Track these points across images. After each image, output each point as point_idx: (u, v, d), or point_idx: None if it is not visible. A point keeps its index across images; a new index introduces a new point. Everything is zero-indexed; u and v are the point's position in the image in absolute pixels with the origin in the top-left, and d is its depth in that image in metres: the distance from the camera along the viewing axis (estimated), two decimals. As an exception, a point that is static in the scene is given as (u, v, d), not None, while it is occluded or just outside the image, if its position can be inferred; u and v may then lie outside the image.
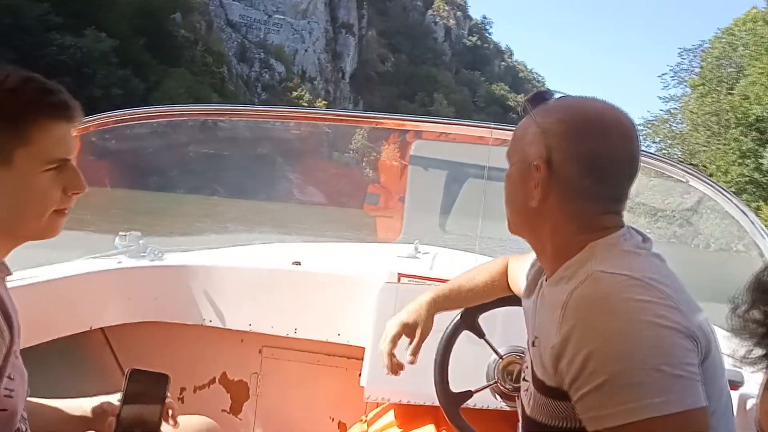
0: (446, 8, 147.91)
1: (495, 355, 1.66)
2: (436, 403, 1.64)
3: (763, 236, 1.98)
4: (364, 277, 2.24)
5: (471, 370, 1.63)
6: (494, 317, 1.62)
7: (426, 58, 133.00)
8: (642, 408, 0.88)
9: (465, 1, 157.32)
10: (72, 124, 1.09)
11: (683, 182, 2.18)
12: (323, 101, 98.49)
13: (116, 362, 2.36)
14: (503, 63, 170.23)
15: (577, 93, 1.41)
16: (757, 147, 34.54)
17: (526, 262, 1.37)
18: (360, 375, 2.01)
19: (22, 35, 44.34)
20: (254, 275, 2.36)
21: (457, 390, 1.61)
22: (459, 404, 1.60)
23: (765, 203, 32.30)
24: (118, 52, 51.98)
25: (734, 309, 0.63)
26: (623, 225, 1.09)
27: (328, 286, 2.31)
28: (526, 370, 1.20)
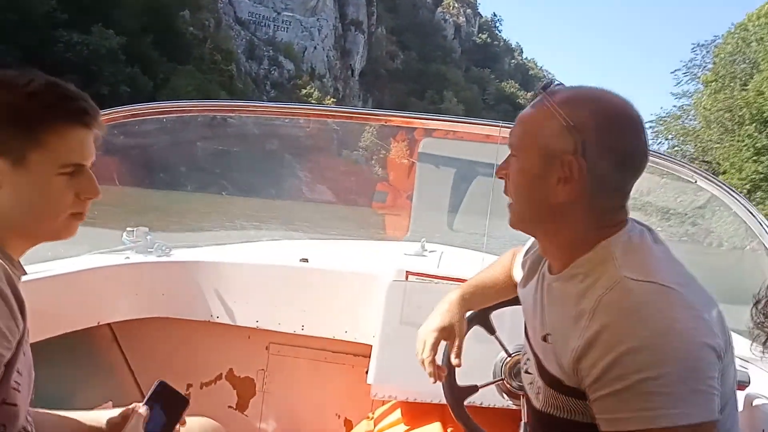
0: (456, 5, 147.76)
1: (503, 353, 1.65)
2: (443, 401, 1.63)
3: None
4: (372, 275, 2.23)
5: (478, 367, 1.61)
6: (503, 315, 1.61)
7: (435, 56, 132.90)
8: (657, 417, 0.89)
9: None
10: (91, 131, 1.11)
11: (691, 182, 2.18)
12: (332, 99, 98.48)
13: (123, 357, 2.37)
14: (513, 60, 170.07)
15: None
16: (772, 144, 34.23)
17: (525, 250, 1.37)
18: (367, 372, 2.00)
19: (29, 32, 44.47)
20: (262, 272, 2.36)
21: (463, 384, 1.61)
22: (464, 398, 1.60)
23: (780, 201, 31.99)
24: (126, 50, 52.12)
25: (756, 303, 0.64)
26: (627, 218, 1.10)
27: (336, 284, 2.31)
28: (529, 362, 1.21)
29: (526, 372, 1.24)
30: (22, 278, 1.11)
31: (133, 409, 1.27)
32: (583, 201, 1.05)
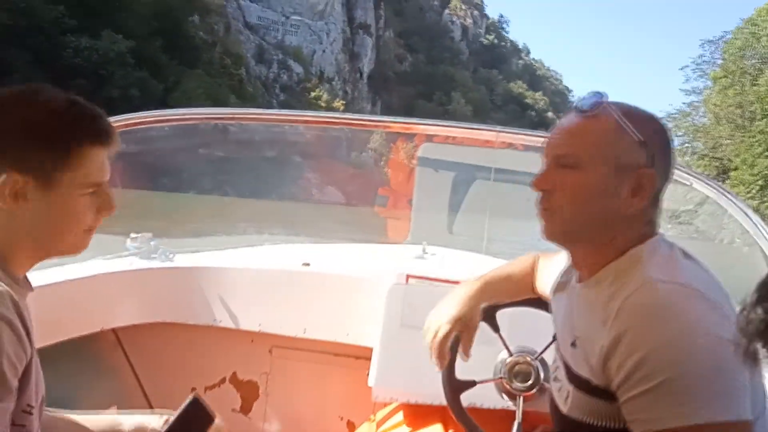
0: (463, 7, 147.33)
1: (504, 353, 1.67)
2: (444, 403, 1.64)
3: (767, 239, 1.99)
4: (373, 278, 2.24)
5: (479, 364, 1.61)
6: (509, 315, 1.62)
7: (443, 58, 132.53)
8: (691, 413, 0.89)
9: (482, 0, 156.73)
10: (109, 150, 1.12)
11: (687, 185, 2.20)
12: (341, 102, 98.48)
13: (128, 362, 2.38)
14: (520, 61, 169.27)
15: (598, 88, 1.64)
16: (785, 139, 33.85)
17: (556, 264, 1.38)
18: (368, 375, 2.01)
19: (38, 37, 44.76)
20: (264, 276, 2.38)
21: (463, 378, 1.62)
22: (461, 391, 1.61)
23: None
24: (135, 54, 52.25)
25: (741, 310, 0.65)
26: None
27: (337, 287, 2.33)
28: (558, 370, 1.22)
29: (555, 380, 1.25)
30: None
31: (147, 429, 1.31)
32: (645, 212, 1.10)
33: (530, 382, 1.66)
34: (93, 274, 2.15)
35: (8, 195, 1.02)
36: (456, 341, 1.50)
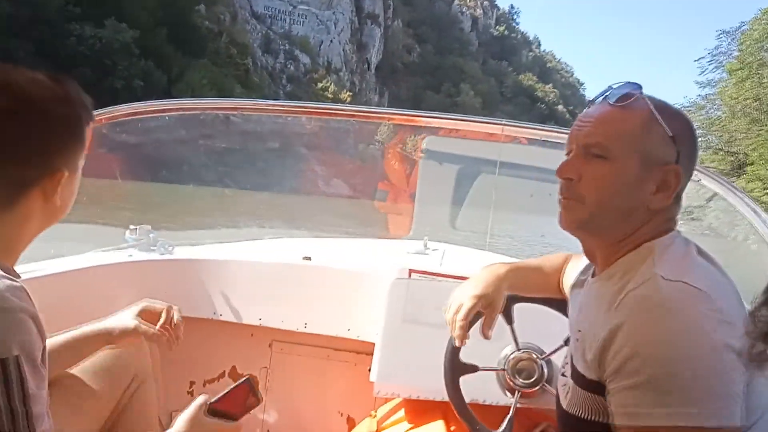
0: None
1: (512, 347, 1.67)
2: (446, 399, 1.63)
3: None
4: (375, 273, 2.24)
5: (485, 354, 1.64)
6: (526, 311, 1.60)
7: (452, 49, 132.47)
8: (674, 414, 0.90)
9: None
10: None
11: (695, 181, 2.15)
12: (348, 93, 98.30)
13: None
14: (531, 53, 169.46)
15: (611, 80, 1.22)
16: (805, 134, 33.03)
17: (582, 263, 1.34)
18: (369, 370, 2.00)
19: (42, 26, 44.38)
20: (265, 270, 2.37)
21: (466, 361, 1.61)
22: (462, 374, 1.60)
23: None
24: (139, 44, 51.87)
25: (750, 312, 0.66)
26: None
27: (338, 282, 2.32)
28: (566, 366, 1.21)
29: (563, 375, 1.24)
30: (24, 277, 1.09)
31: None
32: (669, 208, 1.09)
33: (531, 380, 1.66)
34: (91, 266, 2.15)
35: (53, 193, 1.05)
36: (475, 319, 1.49)
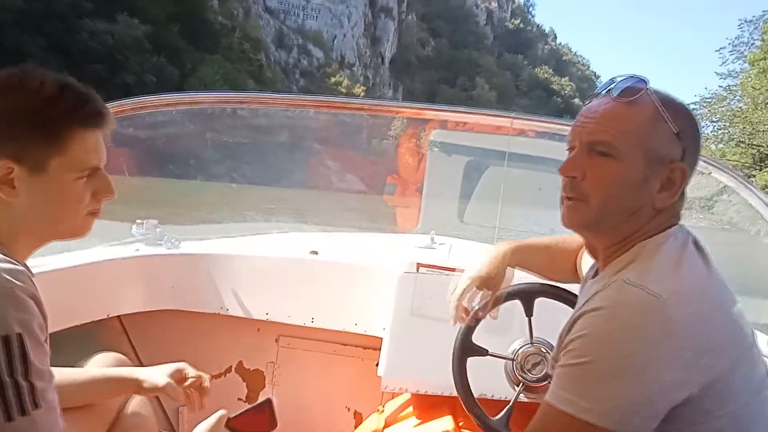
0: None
1: (524, 339, 1.65)
2: (454, 394, 1.62)
3: None
4: (382, 267, 2.24)
5: (496, 345, 1.63)
6: (549, 306, 1.57)
7: (467, 42, 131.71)
8: (564, 400, 0.94)
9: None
10: (104, 132, 1.12)
11: (705, 173, 2.18)
12: (362, 87, 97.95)
13: (133, 350, 2.37)
14: (547, 46, 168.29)
15: (628, 72, 1.14)
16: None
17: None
18: (377, 365, 1.99)
19: (53, 21, 44.18)
20: (272, 264, 2.37)
21: (477, 343, 1.61)
22: (471, 354, 1.60)
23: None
24: (152, 39, 51.69)
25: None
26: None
27: (345, 276, 2.32)
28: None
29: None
30: (32, 270, 1.10)
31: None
32: (672, 206, 1.07)
33: (539, 375, 1.63)
34: (98, 260, 2.15)
35: (2, 183, 1.04)
36: (472, 297, 1.51)
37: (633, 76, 1.07)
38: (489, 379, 1.66)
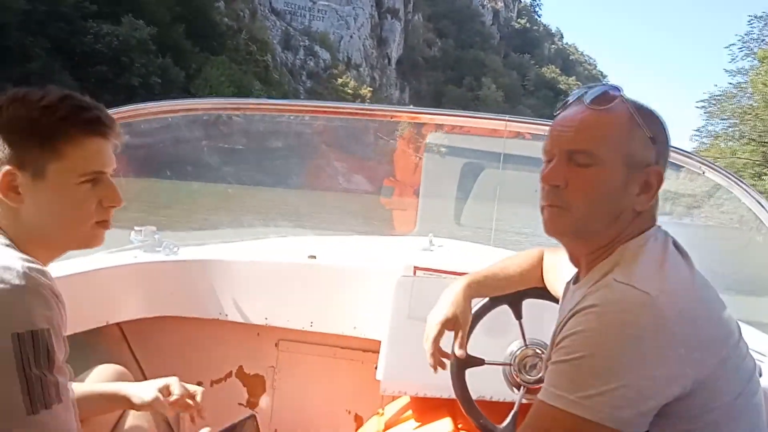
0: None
1: (520, 342, 1.67)
2: (453, 396, 1.65)
3: None
4: (379, 271, 2.25)
5: (493, 349, 1.66)
6: (533, 306, 1.62)
7: (473, 42, 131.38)
8: (553, 395, 0.95)
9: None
10: (108, 140, 1.15)
11: (699, 173, 2.21)
12: (369, 88, 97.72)
13: (133, 357, 2.39)
14: (553, 45, 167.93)
15: (635, 71, 1.19)
16: None
17: (564, 262, 1.32)
18: (376, 368, 2.01)
19: (58, 23, 44.14)
20: (270, 269, 2.38)
21: (472, 354, 1.63)
22: (468, 366, 1.62)
23: None
24: (157, 40, 51.53)
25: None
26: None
27: (344, 280, 2.33)
28: None
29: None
30: None
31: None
32: (650, 209, 1.09)
33: (538, 376, 1.65)
34: (97, 268, 2.16)
35: (7, 189, 1.08)
36: (473, 322, 1.55)
37: (606, 85, 1.09)
38: (488, 384, 1.70)
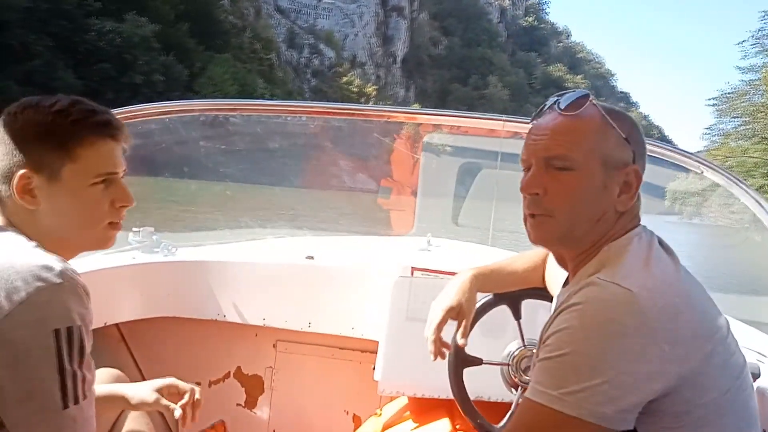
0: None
1: (517, 342, 1.66)
2: (451, 397, 1.64)
3: None
4: (377, 271, 2.25)
5: (491, 349, 1.64)
6: (532, 306, 1.61)
7: (480, 40, 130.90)
8: (537, 391, 0.96)
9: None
10: (118, 142, 1.18)
11: (698, 173, 2.24)
12: (374, 87, 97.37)
13: (131, 357, 2.39)
14: (560, 44, 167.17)
15: (643, 70, 1.23)
16: None
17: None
18: (374, 369, 2.00)
19: (61, 21, 43.99)
20: (268, 270, 2.38)
21: (470, 354, 1.62)
22: (466, 366, 1.61)
23: None
24: (160, 38, 51.41)
25: None
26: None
27: (342, 281, 2.33)
28: None
29: None
30: None
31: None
32: (632, 209, 1.10)
33: None
34: (95, 269, 2.14)
35: (23, 192, 1.11)
36: (472, 322, 1.54)
37: (576, 91, 1.11)
38: (486, 384, 1.69)
